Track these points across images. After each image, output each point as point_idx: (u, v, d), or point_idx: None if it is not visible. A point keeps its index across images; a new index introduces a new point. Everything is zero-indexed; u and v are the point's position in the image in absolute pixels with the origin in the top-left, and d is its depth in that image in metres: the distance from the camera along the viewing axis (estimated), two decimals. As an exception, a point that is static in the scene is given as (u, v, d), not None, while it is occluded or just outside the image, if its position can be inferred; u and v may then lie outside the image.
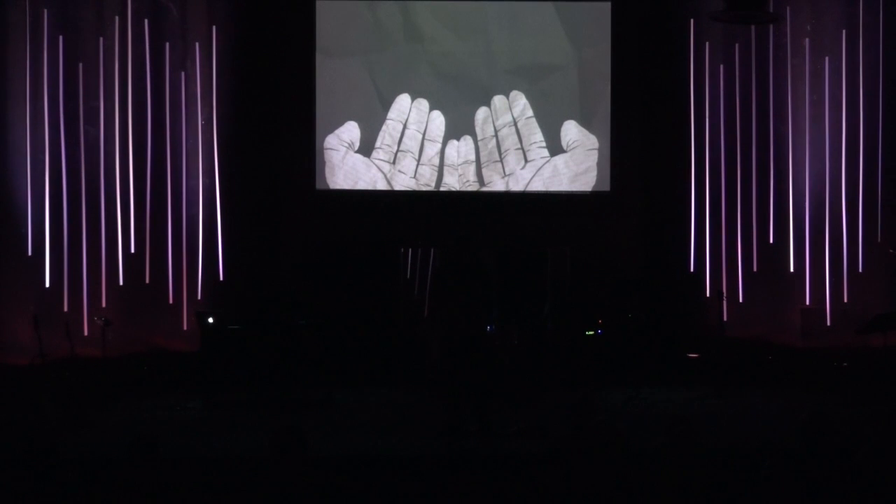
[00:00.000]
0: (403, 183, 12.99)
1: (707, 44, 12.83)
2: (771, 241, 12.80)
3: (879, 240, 12.58)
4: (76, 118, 12.41)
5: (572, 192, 13.00)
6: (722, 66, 12.79)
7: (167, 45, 12.60)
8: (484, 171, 12.99)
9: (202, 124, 12.73)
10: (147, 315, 12.54)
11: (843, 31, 12.65)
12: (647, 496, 5.69)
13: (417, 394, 10.96)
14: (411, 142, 12.96)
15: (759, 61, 12.77)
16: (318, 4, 12.96)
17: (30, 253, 12.28)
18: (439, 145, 12.99)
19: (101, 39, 12.44)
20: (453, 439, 8.90)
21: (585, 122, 13.02)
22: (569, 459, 5.94)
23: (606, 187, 13.02)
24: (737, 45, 12.77)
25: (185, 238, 12.66)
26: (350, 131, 12.99)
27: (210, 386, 10.75)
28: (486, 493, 6.80)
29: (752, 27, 12.38)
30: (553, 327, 12.15)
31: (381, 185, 12.98)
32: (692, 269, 12.89)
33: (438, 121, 12.97)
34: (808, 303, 12.73)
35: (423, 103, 12.98)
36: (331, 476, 5.92)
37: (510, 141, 12.97)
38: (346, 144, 12.99)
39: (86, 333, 12.10)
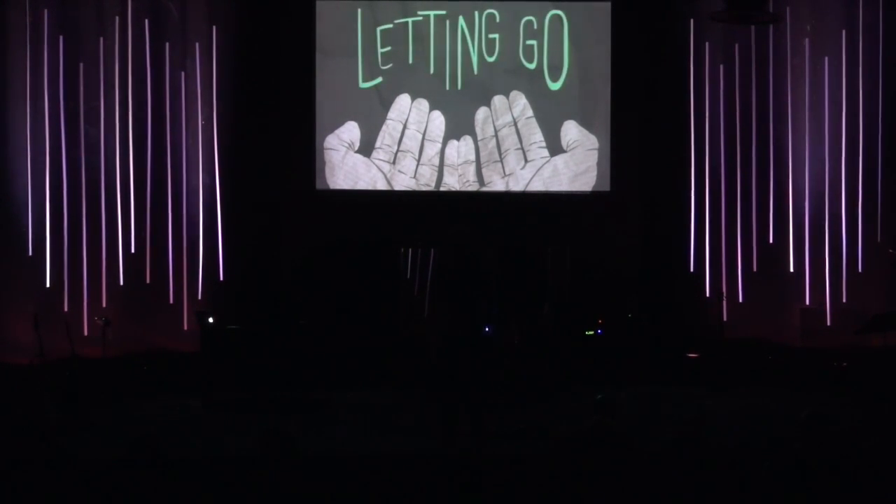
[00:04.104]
0: (403, 183, 12.99)
1: (707, 44, 12.83)
2: (771, 241, 12.79)
3: (879, 240, 12.58)
4: (76, 118, 12.42)
5: (572, 192, 13.00)
6: (722, 66, 12.79)
7: (167, 45, 12.60)
8: (484, 171, 13.00)
9: (202, 124, 12.73)
10: (147, 315, 12.54)
11: (843, 31, 12.64)
12: (648, 495, 5.69)
13: (416, 394, 10.95)
14: (411, 142, 12.97)
15: (759, 61, 12.76)
16: (318, 4, 12.97)
17: (30, 253, 12.29)
18: (439, 145, 12.99)
19: (102, 39, 12.44)
20: (449, 440, 8.89)
21: (585, 122, 13.02)
22: (570, 459, 5.94)
23: (606, 187, 13.02)
24: (737, 45, 12.76)
25: (185, 238, 12.66)
26: (350, 131, 12.99)
27: (210, 386, 10.74)
28: (484, 494, 6.80)
29: (752, 27, 12.37)
30: (553, 327, 12.14)
31: (381, 185, 12.98)
32: (692, 269, 12.89)
33: (438, 121, 12.97)
34: (807, 303, 12.73)
35: (423, 103, 12.98)
36: (329, 476, 5.92)
37: (510, 141, 12.98)
38: (346, 144, 12.99)
39: (86, 333, 12.10)
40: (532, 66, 13.02)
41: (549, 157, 12.99)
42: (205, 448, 8.95)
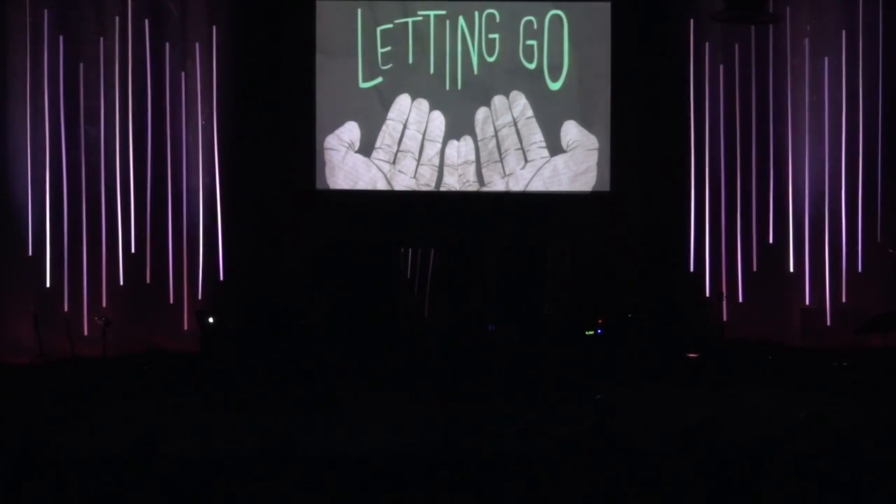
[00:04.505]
0: (403, 183, 12.99)
1: (707, 44, 12.83)
2: (771, 241, 12.79)
3: (879, 240, 12.57)
4: (76, 118, 12.42)
5: (572, 192, 13.00)
6: (722, 66, 12.79)
7: (167, 45, 12.61)
8: (484, 171, 12.99)
9: (202, 124, 12.74)
10: (147, 315, 12.54)
11: (843, 31, 12.64)
12: (648, 495, 5.69)
13: (416, 394, 10.95)
14: (411, 142, 12.96)
15: (759, 61, 12.77)
16: (318, 4, 12.97)
17: (30, 253, 12.29)
18: (439, 145, 12.99)
19: (102, 39, 12.45)
20: (450, 439, 8.90)
21: (585, 122, 13.02)
22: (570, 459, 5.94)
23: (606, 187, 13.02)
24: (737, 45, 12.76)
25: (185, 238, 12.67)
26: (350, 131, 12.99)
27: (210, 386, 10.74)
28: (483, 494, 6.80)
29: (752, 27, 12.37)
30: (553, 327, 12.14)
31: (381, 185, 12.98)
32: (692, 269, 12.89)
33: (438, 121, 12.97)
34: (808, 303, 12.73)
35: (423, 103, 12.98)
36: (329, 476, 5.92)
37: (510, 141, 12.98)
38: (346, 144, 12.99)
39: (86, 333, 12.11)
40: (532, 66, 13.01)
41: (549, 157, 12.99)
42: (205, 448, 8.94)
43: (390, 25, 13.00)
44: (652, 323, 12.23)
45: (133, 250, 12.56)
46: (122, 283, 12.51)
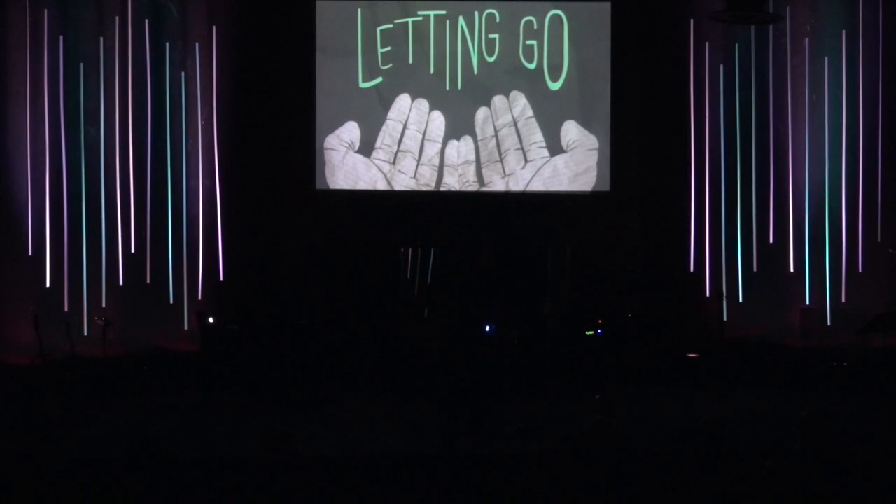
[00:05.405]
0: (403, 183, 12.99)
1: (707, 44, 12.83)
2: (771, 241, 12.80)
3: (879, 240, 12.57)
4: (76, 118, 12.42)
5: (572, 192, 13.01)
6: (722, 66, 12.79)
7: (167, 45, 12.61)
8: (484, 171, 13.00)
9: (202, 124, 12.73)
10: (147, 315, 12.54)
11: (843, 31, 12.64)
12: (646, 495, 5.70)
13: (416, 394, 10.96)
14: (411, 142, 12.97)
15: (759, 61, 12.77)
16: (318, 4, 12.97)
17: (30, 253, 12.29)
18: (439, 145, 13.00)
19: (102, 39, 12.45)
20: (450, 440, 8.90)
21: (585, 122, 13.02)
22: (570, 459, 5.94)
23: (606, 187, 13.02)
24: (737, 45, 12.77)
25: (185, 238, 12.67)
26: (350, 131, 12.99)
27: (210, 386, 10.74)
28: (483, 494, 6.80)
29: (752, 27, 12.38)
30: (553, 327, 12.14)
31: (381, 185, 12.99)
32: (692, 269, 12.89)
33: (438, 121, 12.98)
34: (808, 303, 12.73)
35: (423, 103, 12.99)
36: (329, 476, 5.92)
37: (510, 141, 12.98)
38: (346, 144, 13.00)
39: (86, 333, 12.11)
40: (532, 66, 13.02)
41: (549, 157, 12.99)
42: (205, 448, 8.95)
43: (390, 25, 13.00)
44: (652, 323, 12.24)
45: (133, 250, 12.57)
46: (122, 283, 12.51)
